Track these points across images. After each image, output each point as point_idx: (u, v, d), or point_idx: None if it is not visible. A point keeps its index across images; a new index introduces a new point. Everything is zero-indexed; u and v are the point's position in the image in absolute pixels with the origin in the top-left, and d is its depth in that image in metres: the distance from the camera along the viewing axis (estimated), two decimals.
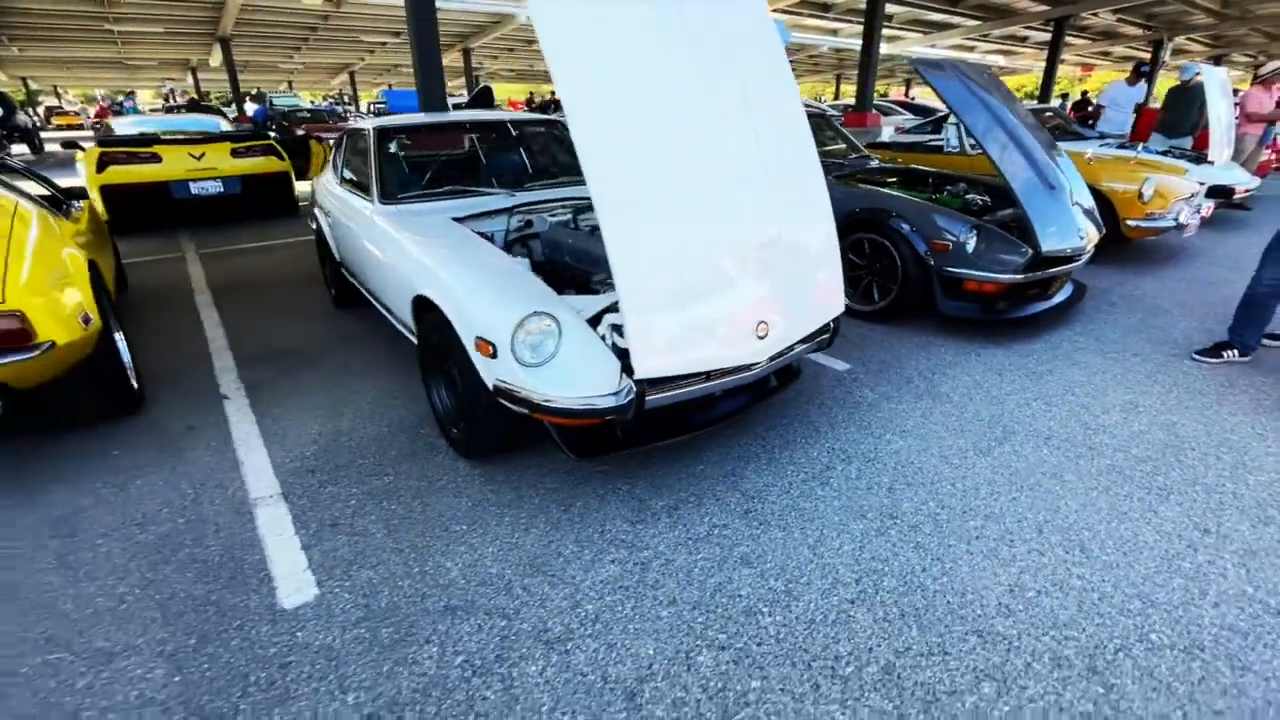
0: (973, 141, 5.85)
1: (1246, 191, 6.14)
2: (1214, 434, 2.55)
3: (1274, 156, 8.14)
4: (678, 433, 2.17)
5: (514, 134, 3.64)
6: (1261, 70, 7.41)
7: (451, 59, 22.03)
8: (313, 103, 33.29)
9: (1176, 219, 4.81)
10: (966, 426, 2.62)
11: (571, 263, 2.63)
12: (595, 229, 2.87)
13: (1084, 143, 6.31)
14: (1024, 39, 20.19)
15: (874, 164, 4.84)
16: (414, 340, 2.66)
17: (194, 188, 6.26)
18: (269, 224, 6.96)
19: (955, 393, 2.91)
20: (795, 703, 1.44)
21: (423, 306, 2.39)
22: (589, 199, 3.05)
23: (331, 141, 8.94)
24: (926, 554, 1.90)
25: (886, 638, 1.61)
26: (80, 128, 33.28)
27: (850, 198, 3.86)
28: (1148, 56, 21.65)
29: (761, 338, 2.03)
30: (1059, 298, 3.72)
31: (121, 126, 7.18)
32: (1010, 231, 3.48)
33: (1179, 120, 7.41)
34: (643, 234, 1.77)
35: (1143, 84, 7.46)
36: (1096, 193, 4.77)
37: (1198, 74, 7.29)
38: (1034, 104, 9.08)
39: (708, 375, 2.02)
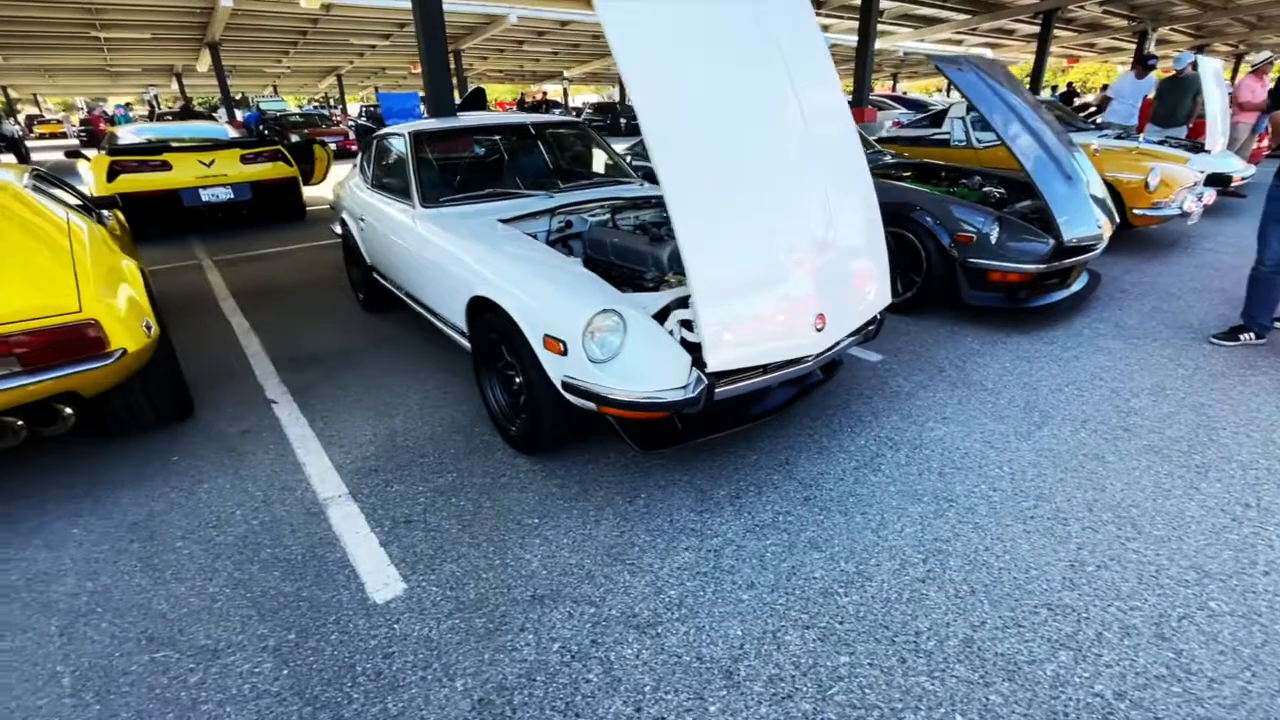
0: (980, 135, 5.98)
1: (1243, 180, 6.30)
2: (1241, 414, 2.65)
3: (1266, 144, 8.32)
4: (736, 424, 2.24)
5: (544, 136, 3.68)
6: (1254, 60, 7.57)
7: None
8: (300, 107, 33.09)
9: (1181, 207, 4.93)
10: (1004, 412, 2.70)
11: (616, 261, 2.68)
12: (639, 227, 2.93)
13: (1084, 134, 6.44)
14: (1011, 32, 20.41)
15: (888, 159, 4.92)
16: (461, 341, 2.70)
17: (205, 195, 6.25)
18: (278, 230, 6.96)
19: (988, 380, 3.00)
20: (885, 675, 1.51)
21: (479, 307, 2.44)
22: (625, 199, 3.13)
23: (334, 146, 8.95)
24: (986, 534, 1.98)
25: (961, 613, 1.69)
26: (63, 135, 32.88)
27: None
28: (1133, 48, 21.96)
29: (820, 330, 2.10)
30: (1076, 286, 3.82)
31: (128, 135, 7.14)
32: (1030, 222, 3.57)
33: (1173, 110, 7.54)
34: (713, 231, 1.84)
35: (1150, 76, 7.58)
36: (1103, 182, 4.88)
37: (1191, 63, 7.46)
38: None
39: (766, 368, 2.09)
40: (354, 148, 16.18)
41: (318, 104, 35.97)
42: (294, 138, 13.34)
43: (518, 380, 2.41)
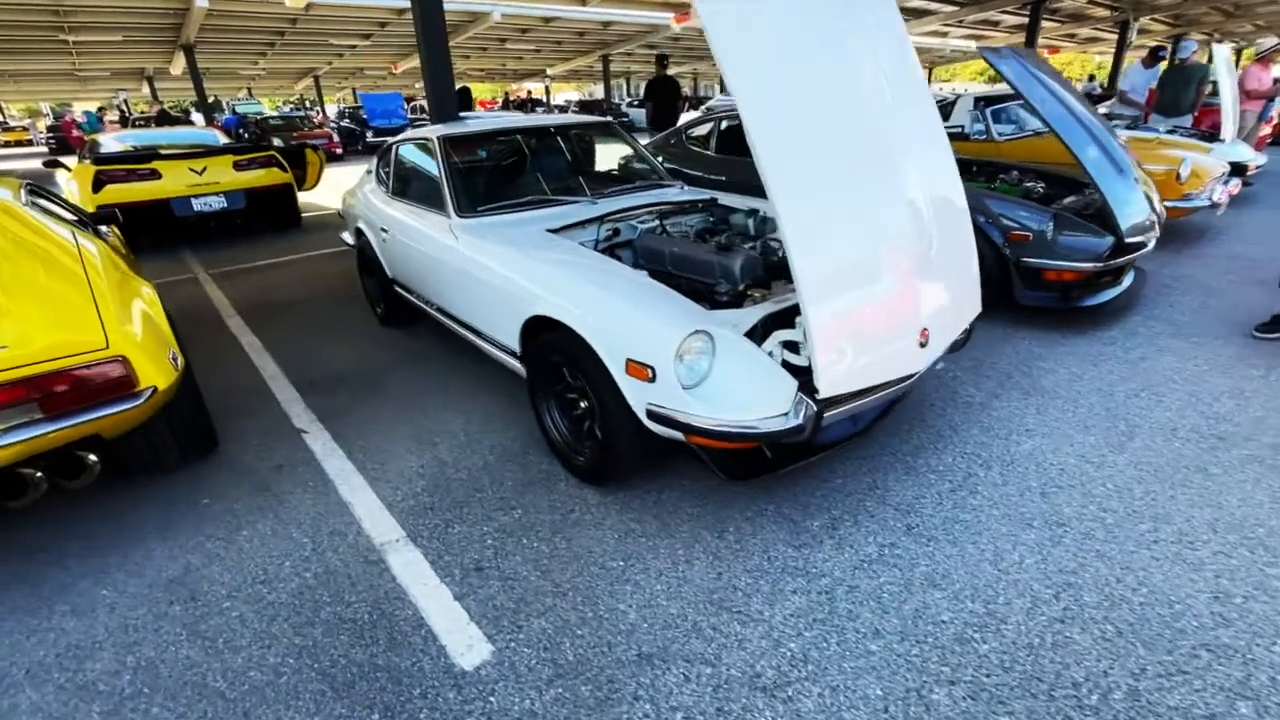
0: (1001, 128, 5.87)
1: (1256, 168, 6.27)
2: None
3: (1269, 132, 8.35)
4: (823, 449, 2.07)
5: (576, 138, 3.48)
6: (1260, 48, 7.56)
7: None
8: (277, 109, 32.37)
9: (1211, 198, 4.86)
10: (1088, 422, 2.57)
11: (675, 271, 2.49)
12: (699, 234, 2.75)
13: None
14: (996, 23, 20.48)
15: None
16: (510, 362, 2.50)
17: (197, 204, 5.95)
18: (274, 239, 6.67)
19: (1060, 386, 2.86)
20: None
21: (536, 327, 2.25)
22: (673, 204, 2.95)
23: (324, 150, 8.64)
24: (1113, 563, 1.83)
25: (1115, 659, 1.53)
26: (29, 144, 31.82)
27: None
28: (1112, 38, 22.16)
29: (923, 345, 1.94)
30: (1126, 283, 3.71)
31: (111, 142, 6.79)
32: (1081, 218, 3.45)
33: (1177, 99, 7.51)
34: (825, 244, 1.67)
35: (1158, 67, 7.54)
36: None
37: (1195, 52, 7.44)
38: None
39: (868, 389, 1.92)
40: (339, 150, 15.80)
41: (293, 106, 35.22)
42: (276, 141, 12.95)
43: (582, 405, 2.22)
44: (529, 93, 30.96)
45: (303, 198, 7.43)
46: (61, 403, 1.72)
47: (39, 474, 1.80)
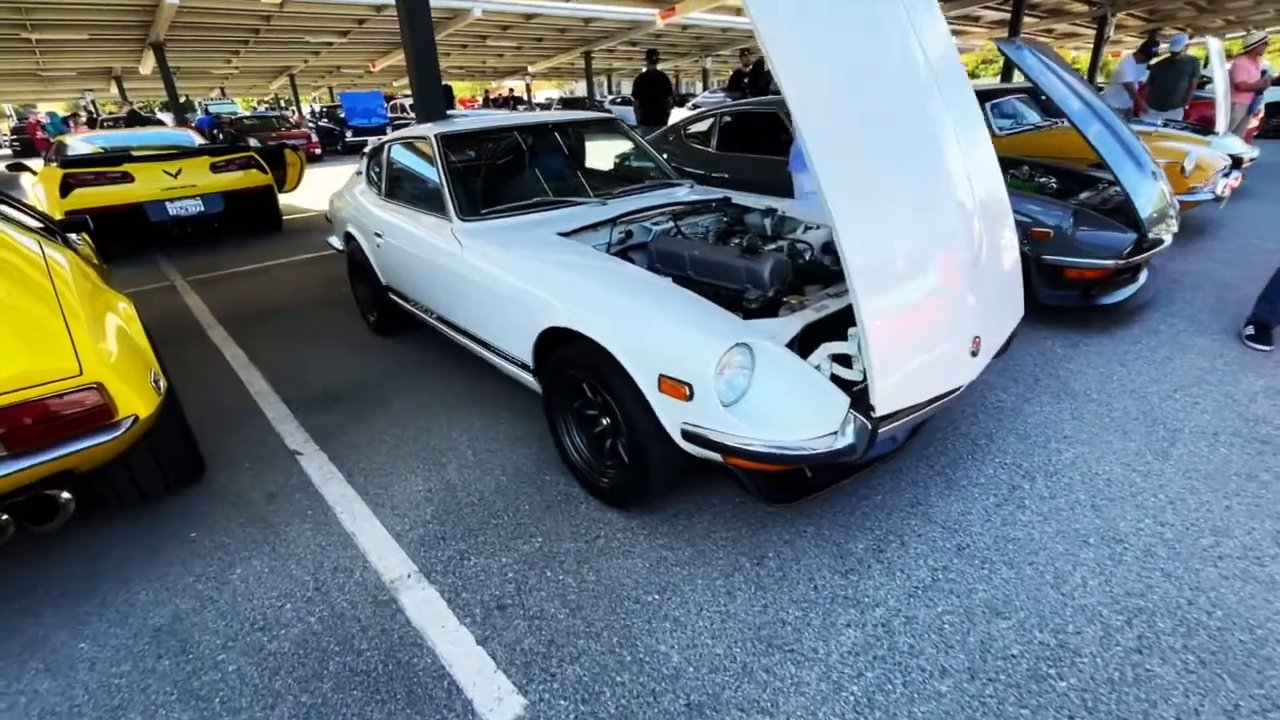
0: (1000, 123, 5.79)
1: (1250, 160, 6.27)
2: None
3: (1256, 124, 8.41)
4: (861, 466, 1.93)
5: (579, 136, 3.31)
6: (1248, 41, 7.60)
7: (400, 58, 21.18)
8: (253, 109, 31.66)
9: (1214, 191, 4.82)
10: (1127, 428, 2.46)
11: (696, 276, 2.35)
12: (720, 236, 2.60)
13: None
14: (977, 19, 20.60)
15: None
16: (522, 376, 2.34)
17: (172, 208, 5.68)
18: (255, 243, 6.40)
19: (1092, 389, 2.76)
20: None
21: (552, 340, 2.09)
22: (687, 204, 2.80)
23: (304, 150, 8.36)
24: (1181, 583, 1.72)
25: (1204, 694, 1.42)
26: None
27: None
28: (1090, 33, 22.41)
29: (974, 354, 1.81)
30: (1142, 279, 3.63)
31: (80, 144, 6.47)
32: (1100, 213, 3.36)
33: (1169, 93, 7.52)
34: (883, 253, 1.53)
35: (1151, 61, 7.54)
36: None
37: (1186, 45, 7.45)
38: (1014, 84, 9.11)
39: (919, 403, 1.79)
40: (318, 151, 15.42)
41: (268, 105, 34.49)
42: (253, 142, 12.57)
43: (604, 422, 2.06)
44: (511, 90, 30.59)
45: (283, 200, 7.17)
46: (29, 438, 1.52)
47: (4, 517, 1.60)
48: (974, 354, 1.80)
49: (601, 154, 3.35)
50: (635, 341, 1.77)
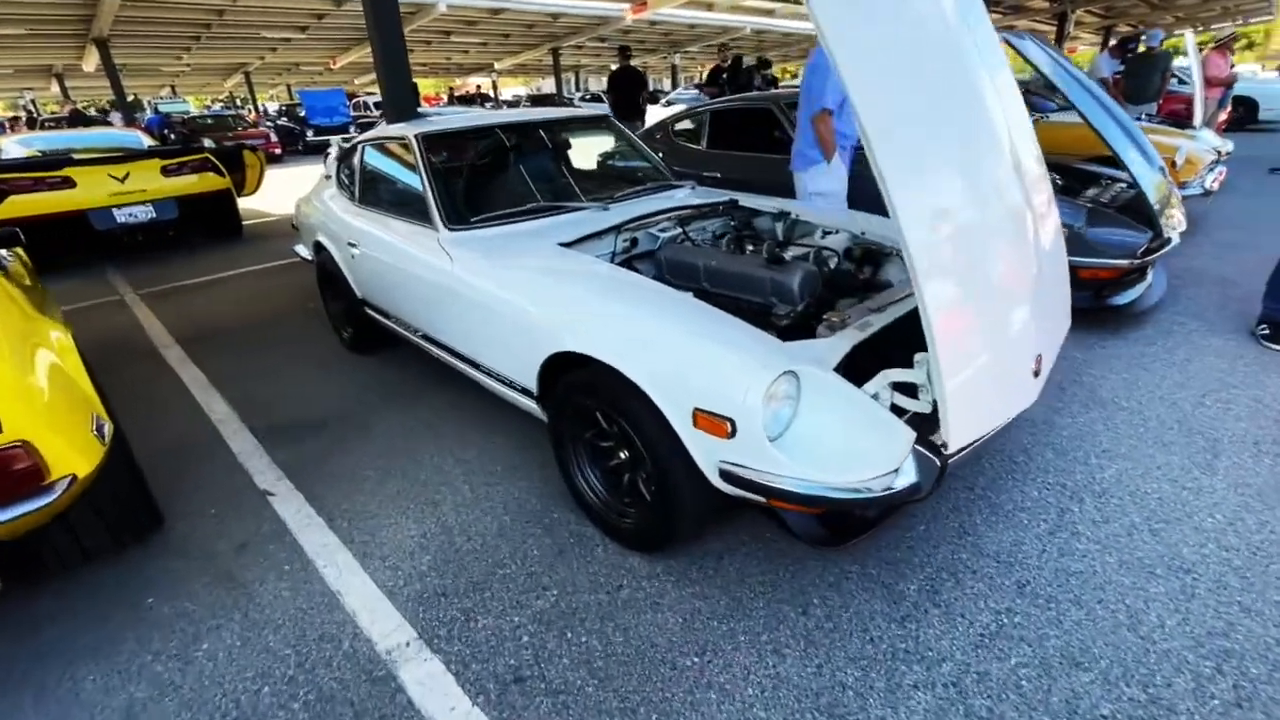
0: None
1: (1227, 154, 6.33)
2: None
3: (1225, 119, 8.56)
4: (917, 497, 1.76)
5: (572, 135, 3.08)
6: (1218, 36, 7.70)
7: (364, 54, 20.54)
8: (207, 108, 30.47)
9: (1204, 185, 4.81)
10: (1165, 439, 2.34)
11: (711, 288, 2.14)
12: (736, 243, 2.39)
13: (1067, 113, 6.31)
14: None
15: None
16: (524, 403, 2.11)
17: (119, 215, 5.25)
18: (213, 252, 5.99)
19: (1119, 396, 2.64)
20: None
21: (560, 363, 1.86)
22: (693, 208, 2.59)
23: (262, 150, 7.92)
24: (1264, 619, 1.58)
25: None
26: None
27: None
28: (1050, 29, 22.86)
29: (1036, 374, 1.65)
30: (1149, 279, 3.55)
31: (15, 147, 5.97)
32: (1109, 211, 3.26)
33: (1143, 87, 7.58)
34: (953, 269, 1.35)
35: (1124, 56, 7.59)
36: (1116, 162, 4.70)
37: (1162, 40, 7.52)
38: None
39: None
40: (278, 151, 14.82)
41: (223, 104, 33.21)
42: (208, 142, 11.94)
43: (621, 456, 1.85)
44: (478, 88, 29.99)
45: (242, 204, 6.75)
46: None
47: None
48: (1035, 374, 1.64)
49: (595, 154, 3.12)
50: (664, 371, 1.55)
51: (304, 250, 3.79)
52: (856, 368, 1.58)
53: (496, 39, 22.55)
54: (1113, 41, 7.94)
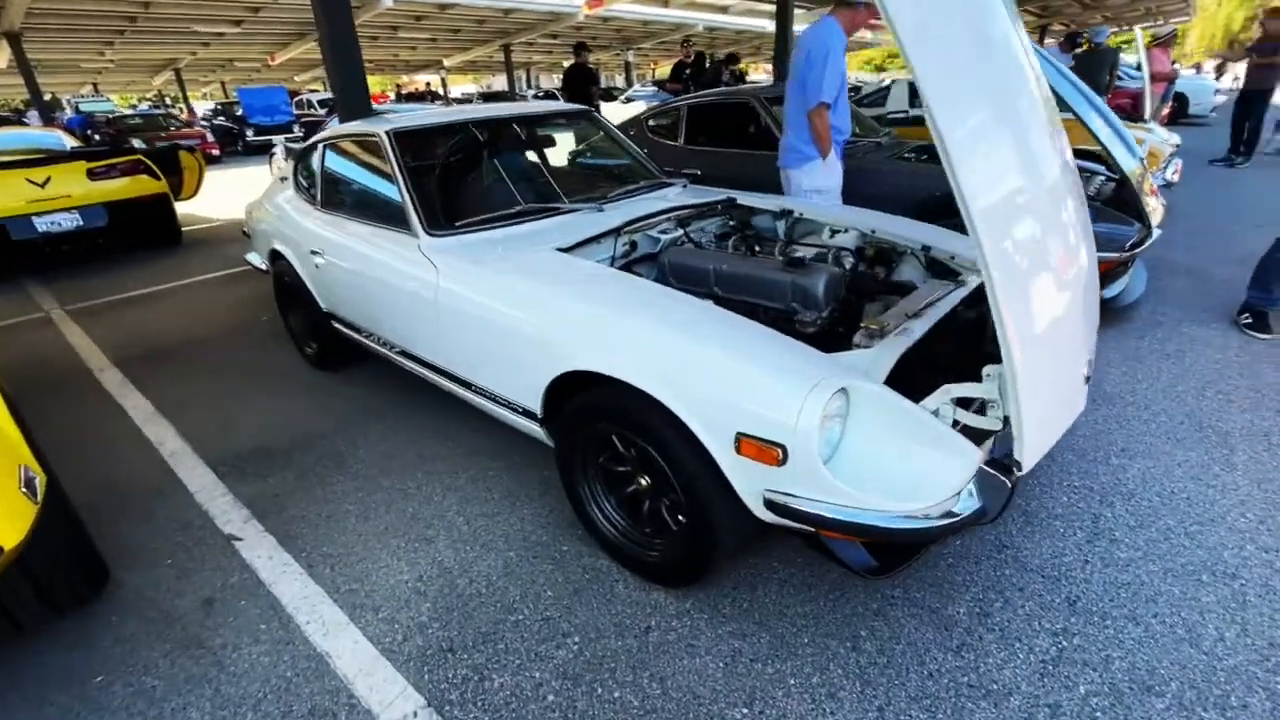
0: None
1: (1176, 146, 6.57)
2: None
3: (1168, 113, 8.93)
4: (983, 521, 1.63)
5: (557, 131, 2.88)
6: (1159, 33, 8.00)
7: (305, 49, 19.69)
8: (134, 106, 28.73)
9: (1165, 177, 4.92)
10: (1178, 435, 2.31)
11: (722, 294, 2.00)
12: (747, 245, 2.25)
13: None
14: None
15: (884, 139, 4.48)
16: (524, 425, 1.91)
17: (40, 224, 4.77)
18: (149, 261, 5.52)
19: (1124, 392, 2.62)
20: None
21: (569, 384, 1.68)
22: (692, 208, 2.44)
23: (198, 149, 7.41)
24: None
25: None
26: None
27: (920, 179, 3.49)
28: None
29: (1087, 380, 1.55)
30: (1132, 272, 3.58)
31: None
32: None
33: (1092, 83, 7.78)
34: (1028, 281, 1.24)
35: (1074, 51, 7.79)
36: (1093, 155, 4.77)
37: (1111, 35, 7.76)
38: None
39: None
40: (216, 152, 14.01)
41: (151, 103, 31.37)
42: (137, 143, 11.13)
43: (641, 482, 1.68)
44: (427, 85, 29.18)
45: (180, 209, 6.26)
46: None
47: None
48: (1087, 380, 1.55)
49: (580, 152, 2.93)
50: (701, 392, 1.39)
51: (257, 259, 3.48)
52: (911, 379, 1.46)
53: (446, 35, 21.92)
54: (1054, 40, 8.17)
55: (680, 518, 1.62)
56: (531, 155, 2.77)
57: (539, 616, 1.65)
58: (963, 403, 1.41)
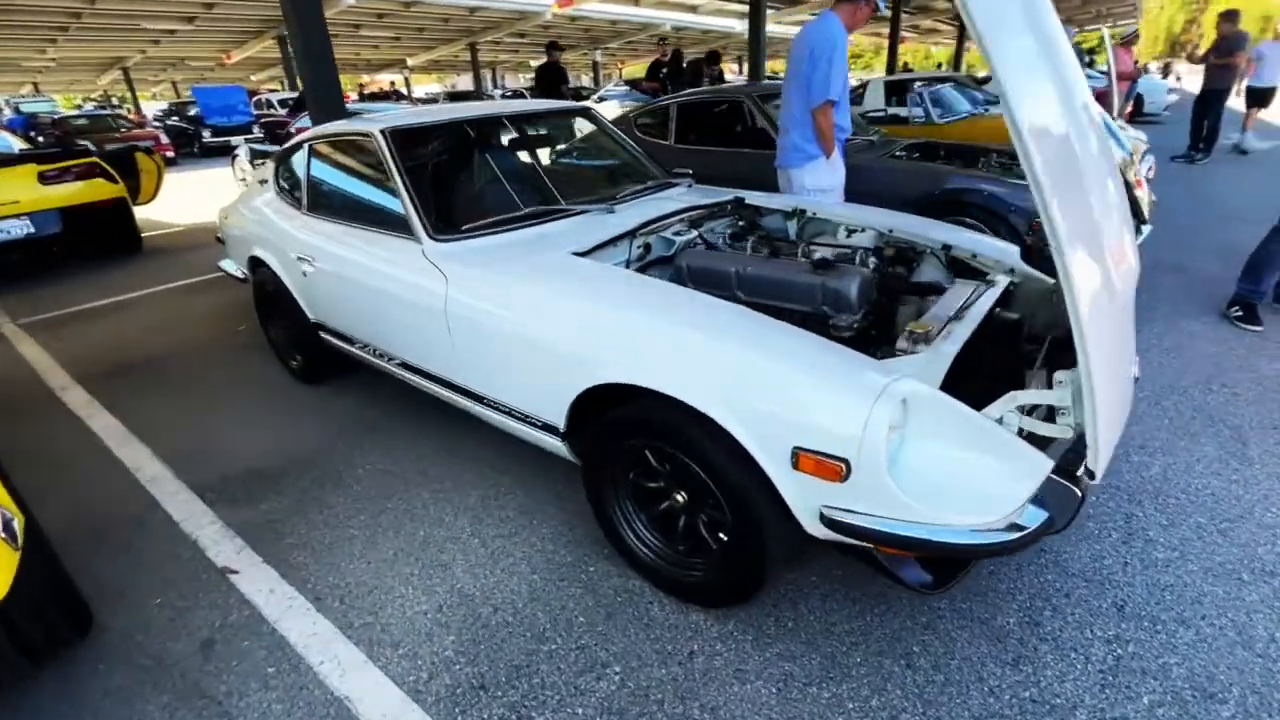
0: (940, 111, 5.81)
1: (1146, 144, 6.76)
2: None
3: (1129, 111, 9.20)
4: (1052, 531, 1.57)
5: (558, 130, 2.77)
6: (1122, 33, 8.23)
7: (263, 47, 19.06)
8: (79, 107, 27.47)
9: (1140, 174, 5.04)
10: (1191, 429, 2.32)
11: (744, 298, 1.92)
12: (768, 246, 2.17)
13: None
14: None
15: (889, 140, 4.50)
16: (543, 440, 1.81)
17: None
18: (109, 269, 5.21)
19: None
20: None
21: (598, 397, 1.58)
22: (703, 208, 2.36)
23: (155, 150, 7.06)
24: None
25: None
26: None
27: (917, 177, 3.49)
28: (948, 28, 24.19)
29: (1136, 379, 1.52)
30: None
31: None
32: None
33: None
34: (1097, 284, 1.19)
35: None
36: None
37: (1074, 36, 7.95)
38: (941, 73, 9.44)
39: None
40: (171, 154, 13.43)
41: (96, 103, 30.03)
42: (86, 144, 10.55)
43: (678, 499, 1.60)
44: (392, 84, 28.56)
45: (138, 214, 5.93)
46: None
47: None
48: (1136, 378, 1.52)
49: (581, 151, 2.82)
50: (753, 405, 1.31)
51: (233, 266, 3.28)
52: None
53: (410, 33, 21.47)
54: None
55: (721, 535, 1.54)
56: (533, 155, 2.65)
57: (573, 645, 1.55)
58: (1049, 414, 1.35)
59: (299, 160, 2.63)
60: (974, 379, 1.51)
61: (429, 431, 2.51)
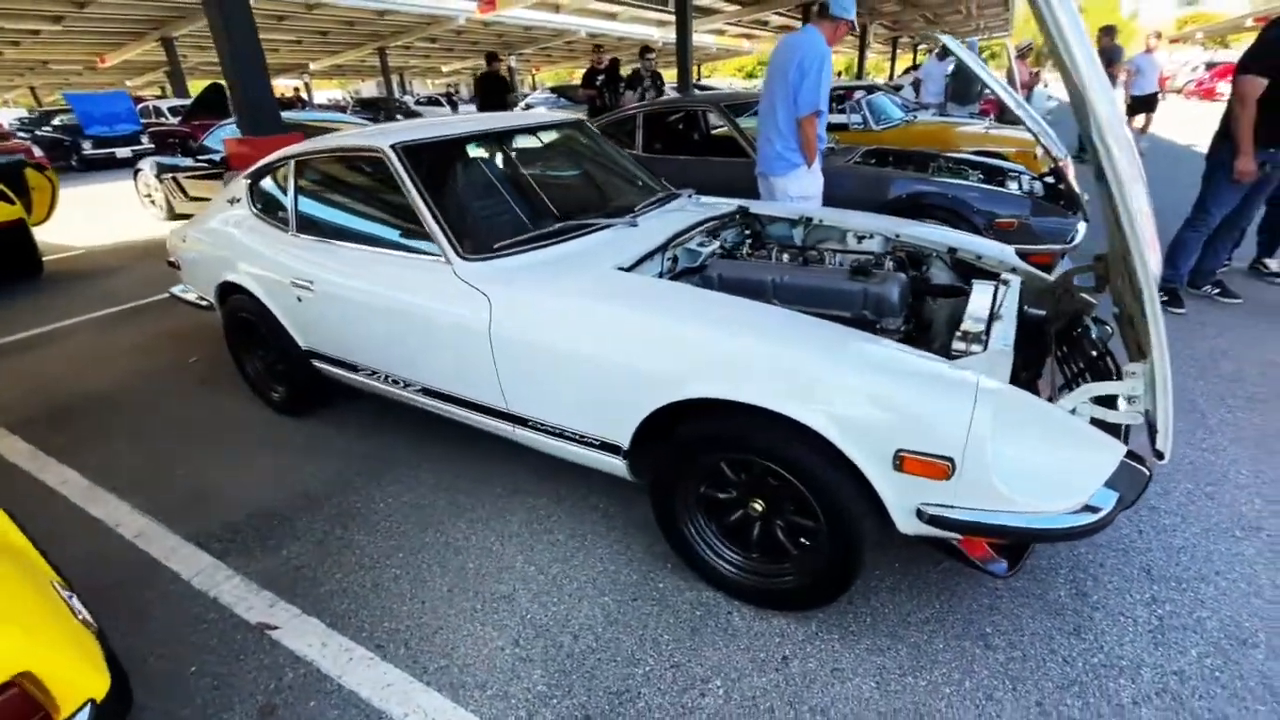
0: (878, 118, 6.14)
1: None
2: None
3: None
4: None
5: (561, 143, 2.72)
6: (1019, 45, 9.03)
7: (145, 50, 17.51)
8: None
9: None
10: (1191, 418, 2.54)
11: (780, 305, 1.97)
12: (800, 255, 2.23)
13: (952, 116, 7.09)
14: (766, 23, 22.37)
15: (848, 147, 4.71)
16: (601, 460, 1.78)
17: None
18: (8, 300, 4.62)
19: None
20: None
21: (668, 415, 1.58)
22: (717, 218, 2.40)
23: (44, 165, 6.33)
24: None
25: None
26: None
27: (880, 182, 3.69)
28: (853, 39, 25.58)
29: None
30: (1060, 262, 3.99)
31: None
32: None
33: (967, 90, 8.68)
34: (1156, 277, 1.31)
35: (950, 60, 8.56)
36: (1001, 157, 5.29)
37: (978, 47, 8.64)
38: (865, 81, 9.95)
39: None
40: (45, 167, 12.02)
41: None
42: None
43: (756, 508, 1.62)
44: (296, 90, 26.95)
45: (41, 235, 5.30)
46: None
47: None
48: None
49: (594, 164, 2.79)
50: (851, 412, 1.35)
51: (190, 294, 3.01)
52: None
53: (312, 36, 20.34)
54: (926, 50, 9.04)
55: (803, 540, 1.58)
56: (543, 169, 2.60)
57: (667, 664, 1.54)
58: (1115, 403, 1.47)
59: (284, 179, 2.45)
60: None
61: (445, 458, 2.41)
